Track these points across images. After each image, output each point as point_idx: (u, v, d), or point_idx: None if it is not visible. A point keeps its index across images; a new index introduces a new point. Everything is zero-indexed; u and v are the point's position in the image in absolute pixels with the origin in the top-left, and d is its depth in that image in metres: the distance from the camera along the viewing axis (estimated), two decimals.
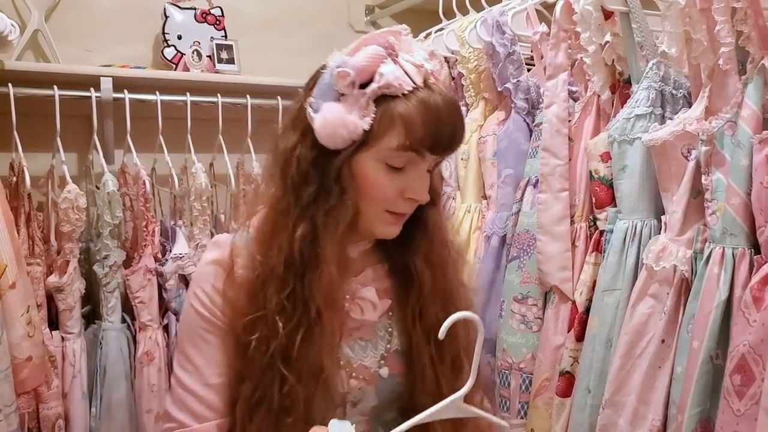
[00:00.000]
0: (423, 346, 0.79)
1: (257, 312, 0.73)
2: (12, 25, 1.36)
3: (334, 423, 0.65)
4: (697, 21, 0.91)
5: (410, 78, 0.72)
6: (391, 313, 0.81)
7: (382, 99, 0.71)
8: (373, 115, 0.71)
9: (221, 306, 0.75)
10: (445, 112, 0.73)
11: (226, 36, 1.83)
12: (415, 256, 0.80)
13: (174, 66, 1.75)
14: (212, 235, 1.68)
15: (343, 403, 0.77)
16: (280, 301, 0.72)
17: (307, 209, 0.74)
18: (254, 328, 0.73)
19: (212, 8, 1.82)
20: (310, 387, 0.73)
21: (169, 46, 1.76)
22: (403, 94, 0.71)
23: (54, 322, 1.47)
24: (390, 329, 0.81)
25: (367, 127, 0.71)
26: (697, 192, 0.94)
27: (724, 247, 0.88)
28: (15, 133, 1.48)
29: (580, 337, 1.08)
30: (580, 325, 1.08)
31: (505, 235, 1.26)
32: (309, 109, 0.73)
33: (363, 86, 0.71)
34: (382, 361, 0.79)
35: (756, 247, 0.87)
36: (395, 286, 0.82)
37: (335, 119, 0.71)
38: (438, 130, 0.72)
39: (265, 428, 0.73)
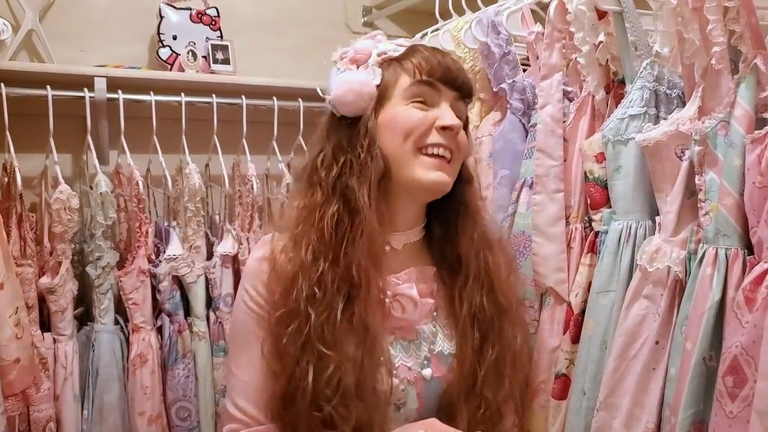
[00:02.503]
0: (468, 332, 0.80)
1: (290, 305, 0.74)
2: (5, 24, 1.36)
3: None
4: (690, 20, 0.90)
5: (404, 45, 0.82)
6: (435, 314, 0.82)
7: (386, 65, 0.80)
8: (380, 75, 0.79)
9: (269, 301, 0.77)
10: (438, 50, 0.82)
11: (221, 36, 1.83)
12: (459, 235, 0.83)
13: (169, 66, 1.75)
14: (207, 236, 1.67)
15: (387, 404, 0.76)
16: (310, 288, 0.74)
17: (335, 187, 0.77)
18: (287, 321, 0.74)
19: (208, 8, 1.82)
20: (353, 367, 0.72)
21: (164, 46, 1.75)
22: (407, 54, 0.81)
23: (46, 324, 1.46)
24: (435, 330, 0.80)
25: (378, 81, 0.78)
26: (691, 192, 0.94)
27: (717, 248, 0.88)
28: (7, 133, 1.48)
29: (575, 339, 1.07)
30: (575, 326, 1.07)
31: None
32: (328, 99, 0.80)
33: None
34: (426, 362, 0.79)
35: (749, 248, 0.86)
36: (443, 286, 0.83)
37: (346, 81, 0.78)
38: (442, 62, 0.80)
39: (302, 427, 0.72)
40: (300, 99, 1.77)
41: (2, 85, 1.47)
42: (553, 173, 1.13)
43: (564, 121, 1.14)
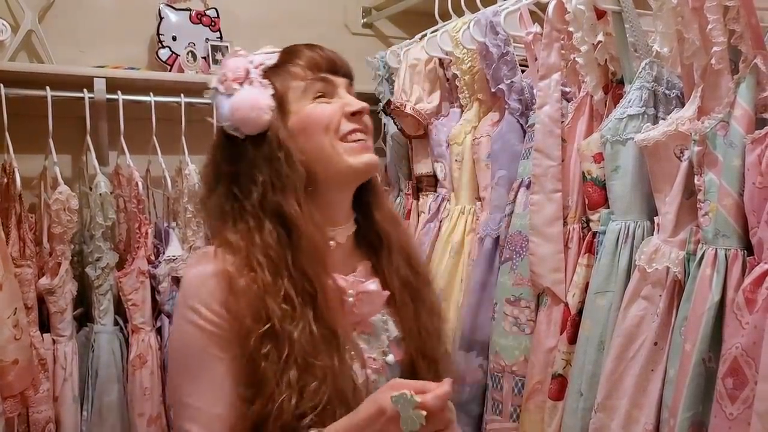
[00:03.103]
0: (404, 307, 0.83)
1: (264, 327, 0.71)
2: (4, 25, 1.36)
3: (394, 396, 0.65)
4: (690, 20, 0.90)
5: (273, 52, 0.81)
6: (391, 304, 0.83)
7: (269, 75, 0.79)
8: (268, 83, 0.78)
9: (229, 320, 0.73)
10: (310, 45, 0.82)
11: (221, 37, 1.82)
12: (374, 214, 0.84)
13: (169, 67, 1.75)
14: (207, 237, 1.67)
15: (364, 398, 0.75)
16: (280, 307, 0.72)
17: (262, 207, 0.76)
18: (263, 343, 0.71)
19: (207, 9, 1.82)
20: (333, 373, 0.72)
21: (163, 47, 1.75)
22: (286, 56, 0.80)
23: (45, 325, 1.46)
24: (384, 318, 0.82)
25: (271, 91, 0.78)
26: (690, 192, 0.93)
27: (716, 249, 0.87)
28: (7, 134, 1.48)
29: (572, 340, 1.07)
30: (572, 327, 1.07)
31: (499, 236, 1.25)
32: (224, 125, 0.78)
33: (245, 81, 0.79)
34: (387, 349, 0.81)
35: (749, 248, 0.86)
36: (376, 270, 0.84)
37: (241, 101, 0.77)
38: (323, 55, 0.80)
39: None
40: None
41: (1, 85, 1.46)
42: (550, 173, 1.13)
43: (562, 122, 1.14)
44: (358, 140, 0.79)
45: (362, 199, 0.84)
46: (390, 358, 0.81)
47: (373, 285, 0.80)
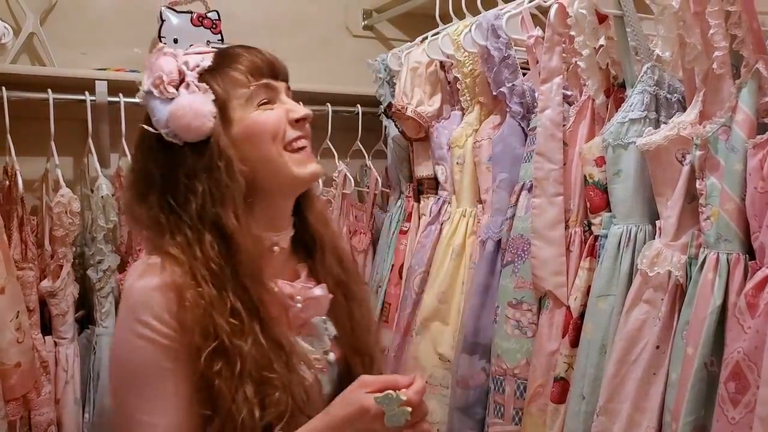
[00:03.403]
0: (338, 306, 0.83)
1: (213, 343, 0.70)
2: (6, 28, 1.36)
3: (378, 397, 0.67)
4: (691, 25, 0.90)
5: (206, 52, 0.78)
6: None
7: (205, 75, 0.76)
8: (207, 88, 0.75)
9: (180, 333, 0.70)
10: (247, 47, 0.79)
11: (222, 40, 1.82)
12: (308, 214, 0.84)
13: None
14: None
15: (315, 402, 0.76)
16: (228, 322, 0.71)
17: (201, 219, 0.73)
18: (214, 360, 0.70)
19: (209, 12, 1.82)
20: (286, 382, 0.72)
21: None
22: (216, 60, 0.77)
23: (47, 327, 1.46)
24: (324, 318, 0.83)
25: (211, 97, 0.75)
26: (692, 197, 0.94)
27: (718, 253, 0.87)
28: (8, 136, 1.48)
29: (574, 343, 1.07)
30: (574, 330, 1.07)
31: (500, 239, 1.26)
32: (162, 132, 0.74)
33: (181, 82, 0.75)
34: (328, 349, 0.82)
35: (751, 253, 0.86)
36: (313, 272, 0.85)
37: (183, 107, 0.74)
38: (264, 59, 0.78)
39: None
40: (300, 102, 1.76)
41: (3, 88, 1.47)
42: (552, 177, 1.13)
43: (563, 125, 1.14)
44: (302, 148, 0.78)
45: (296, 201, 0.83)
46: (331, 356, 0.82)
47: (319, 290, 0.81)
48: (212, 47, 0.81)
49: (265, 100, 0.77)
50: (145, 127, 0.76)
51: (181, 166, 0.74)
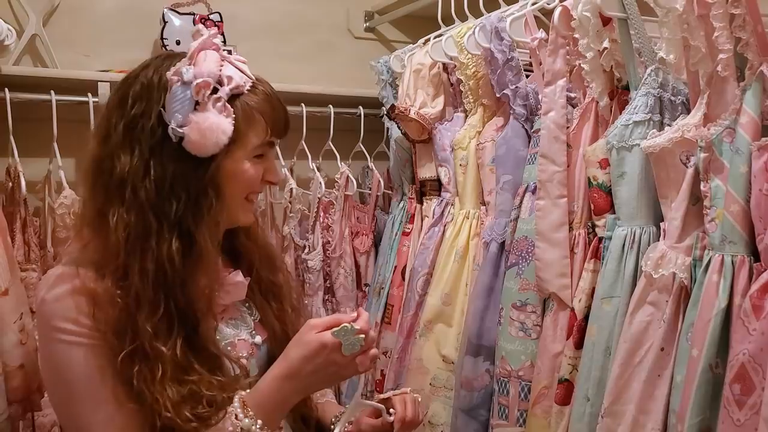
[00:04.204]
0: (266, 305, 0.89)
1: (131, 345, 0.71)
2: (9, 29, 1.36)
3: (335, 331, 0.76)
4: (695, 27, 0.90)
5: (246, 75, 0.79)
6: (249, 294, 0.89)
7: (236, 100, 0.78)
8: (233, 116, 0.76)
9: (98, 329, 0.71)
10: (277, 99, 0.82)
11: (224, 42, 1.82)
12: (240, 233, 0.89)
13: None
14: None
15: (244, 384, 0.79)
16: (154, 325, 0.71)
17: (177, 224, 0.75)
18: (132, 361, 0.71)
19: (211, 14, 1.82)
20: (211, 382, 0.75)
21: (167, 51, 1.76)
22: (249, 90, 0.78)
23: None
24: (248, 303, 0.88)
25: (231, 128, 0.76)
26: (696, 199, 0.94)
27: (723, 255, 0.87)
28: (11, 138, 1.48)
29: (578, 345, 1.07)
30: (578, 332, 1.07)
31: (504, 241, 1.26)
32: (173, 126, 0.74)
33: (214, 91, 0.76)
34: (254, 331, 0.87)
35: (755, 255, 0.86)
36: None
37: (213, 126, 0.74)
38: (282, 118, 0.82)
39: None
40: (303, 104, 1.77)
41: (6, 90, 1.47)
42: (556, 179, 1.13)
43: (567, 127, 1.14)
44: (253, 200, 0.84)
45: None
46: (258, 339, 0.86)
47: (238, 276, 0.84)
48: (252, 78, 0.80)
49: (261, 154, 0.81)
50: (161, 110, 0.74)
51: (174, 164, 0.74)
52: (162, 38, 1.76)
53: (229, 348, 0.82)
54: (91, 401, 0.72)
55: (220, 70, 0.76)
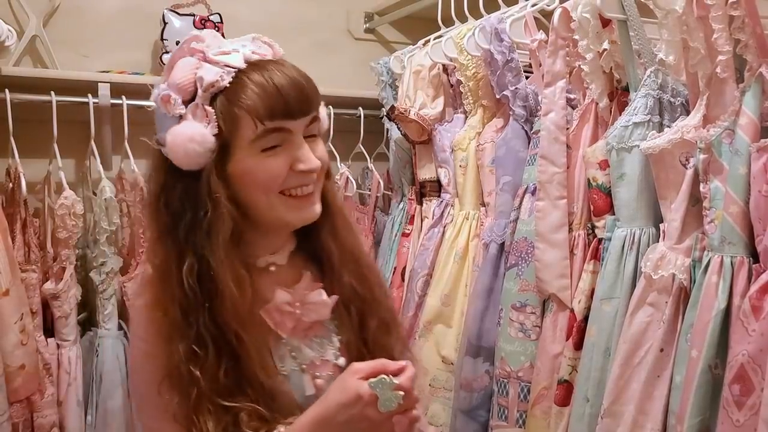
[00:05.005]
0: (344, 316, 0.81)
1: (171, 368, 0.70)
2: (9, 30, 1.36)
3: (372, 381, 0.68)
4: (695, 29, 0.91)
5: (230, 66, 0.71)
6: (335, 311, 0.83)
7: (217, 99, 0.70)
8: (214, 118, 0.70)
9: (159, 348, 0.72)
10: (279, 76, 0.71)
11: None
12: (320, 231, 0.81)
13: None
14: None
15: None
16: (186, 348, 0.70)
17: (187, 241, 0.72)
18: (171, 384, 0.70)
19: (211, 15, 1.82)
20: (264, 406, 0.71)
21: (167, 52, 1.75)
22: (231, 83, 0.70)
23: (50, 330, 1.46)
24: (336, 321, 0.82)
25: (214, 131, 0.70)
26: (696, 200, 0.94)
27: (722, 256, 0.88)
28: (12, 139, 1.48)
29: (578, 346, 1.07)
30: (578, 333, 1.08)
31: (504, 242, 1.26)
32: (158, 146, 0.73)
33: (193, 98, 0.71)
34: (338, 352, 0.81)
35: (755, 256, 0.86)
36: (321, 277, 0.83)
37: (182, 137, 0.70)
38: (280, 100, 0.70)
39: None
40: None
41: (6, 90, 1.47)
42: (556, 180, 1.13)
43: (567, 128, 1.15)
44: (301, 194, 0.74)
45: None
46: (341, 361, 0.80)
47: (317, 295, 0.79)
48: (236, 68, 0.71)
49: (271, 146, 0.72)
50: (153, 140, 0.73)
51: (176, 183, 0.72)
52: (162, 39, 1.76)
53: (304, 368, 0.77)
54: (152, 410, 0.74)
55: (195, 74, 0.70)
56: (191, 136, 0.70)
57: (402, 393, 0.67)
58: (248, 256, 0.76)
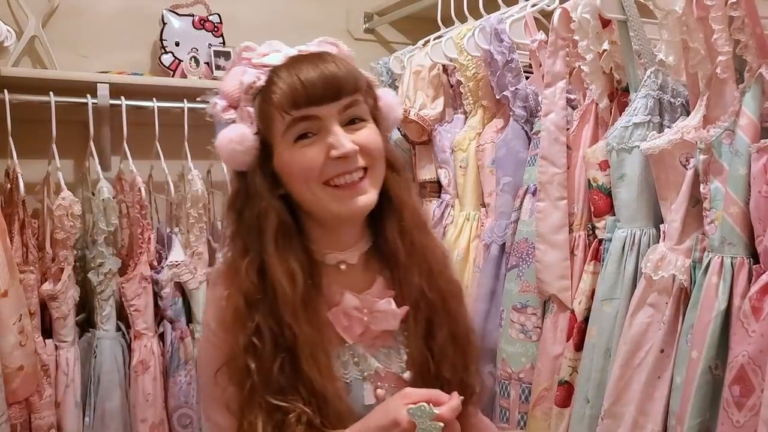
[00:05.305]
0: (411, 323, 0.78)
1: (229, 354, 0.72)
2: (8, 31, 1.36)
3: (411, 408, 0.66)
4: (695, 29, 0.91)
5: (268, 66, 0.74)
6: (404, 320, 0.80)
7: (256, 99, 0.74)
8: (256, 120, 0.73)
9: (224, 340, 0.74)
10: (306, 66, 0.72)
11: (224, 43, 1.83)
12: (387, 228, 0.79)
13: (171, 73, 1.75)
14: (209, 242, 1.67)
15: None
16: (246, 339, 0.71)
17: (249, 237, 0.75)
18: (227, 375, 0.72)
19: (210, 15, 1.82)
20: (315, 410, 0.71)
21: (166, 52, 1.75)
22: (266, 82, 0.73)
23: (48, 331, 1.45)
24: (406, 333, 0.79)
25: (254, 129, 0.73)
26: (696, 201, 0.94)
27: (722, 257, 0.88)
28: (10, 139, 1.48)
29: (579, 347, 1.07)
30: (579, 334, 1.07)
31: (505, 243, 1.26)
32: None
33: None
34: (405, 365, 0.78)
35: (755, 257, 0.86)
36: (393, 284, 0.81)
37: (225, 139, 0.74)
38: (302, 85, 0.71)
39: None
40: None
41: (5, 91, 1.46)
42: (556, 181, 1.13)
43: (567, 129, 1.15)
44: (345, 183, 0.73)
45: (375, 212, 0.78)
46: (407, 375, 0.78)
47: (388, 304, 0.77)
48: (270, 66, 0.74)
49: (303, 134, 0.72)
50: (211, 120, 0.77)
51: (237, 182, 0.77)
52: (161, 39, 1.76)
53: (366, 376, 0.76)
54: (212, 399, 0.76)
55: (240, 81, 0.74)
56: (232, 137, 0.73)
57: (441, 424, 0.65)
58: (314, 252, 0.77)
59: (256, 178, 0.74)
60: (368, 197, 0.75)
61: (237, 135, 0.73)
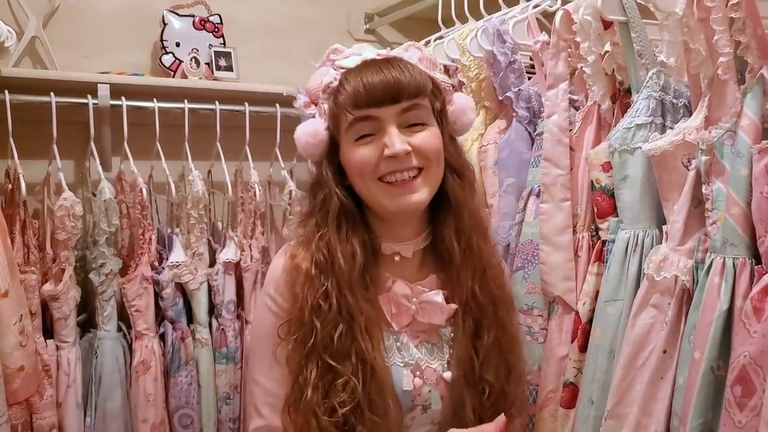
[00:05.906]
0: (459, 322, 0.82)
1: (296, 313, 0.79)
2: (9, 31, 1.36)
3: None
4: (696, 31, 0.91)
5: (344, 69, 0.81)
6: (452, 319, 0.83)
7: (331, 99, 0.81)
8: (328, 117, 0.82)
9: (292, 307, 0.80)
10: (371, 64, 0.80)
11: (224, 43, 1.83)
12: (443, 228, 0.84)
13: (172, 73, 1.75)
14: (209, 243, 1.67)
15: (413, 407, 0.78)
16: (315, 300, 0.77)
17: (319, 216, 0.82)
18: (292, 328, 0.78)
19: (211, 16, 1.82)
20: (360, 381, 0.75)
21: (167, 53, 1.75)
22: (340, 84, 0.80)
23: (49, 331, 1.45)
24: (452, 334, 0.82)
25: (326, 125, 0.82)
26: (698, 201, 0.94)
27: (724, 257, 0.88)
28: (11, 140, 1.47)
29: (583, 348, 1.07)
30: (583, 335, 1.07)
31: (509, 244, 1.26)
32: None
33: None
34: (446, 365, 0.81)
35: (757, 257, 0.87)
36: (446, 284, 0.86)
37: (301, 132, 0.83)
38: (363, 87, 0.77)
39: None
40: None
41: (6, 91, 1.46)
42: (559, 182, 1.13)
43: (570, 130, 1.15)
44: (396, 181, 0.79)
45: (437, 214, 0.84)
46: (447, 375, 0.80)
47: (436, 296, 0.81)
48: (345, 68, 0.82)
49: (363, 134, 0.79)
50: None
51: (315, 169, 0.86)
52: (162, 40, 1.76)
53: (407, 363, 0.80)
54: (260, 361, 0.82)
55: (322, 80, 0.82)
56: (307, 130, 0.83)
57: None
58: (373, 239, 0.83)
59: (324, 168, 0.83)
60: (419, 195, 0.80)
61: (311, 129, 0.81)
